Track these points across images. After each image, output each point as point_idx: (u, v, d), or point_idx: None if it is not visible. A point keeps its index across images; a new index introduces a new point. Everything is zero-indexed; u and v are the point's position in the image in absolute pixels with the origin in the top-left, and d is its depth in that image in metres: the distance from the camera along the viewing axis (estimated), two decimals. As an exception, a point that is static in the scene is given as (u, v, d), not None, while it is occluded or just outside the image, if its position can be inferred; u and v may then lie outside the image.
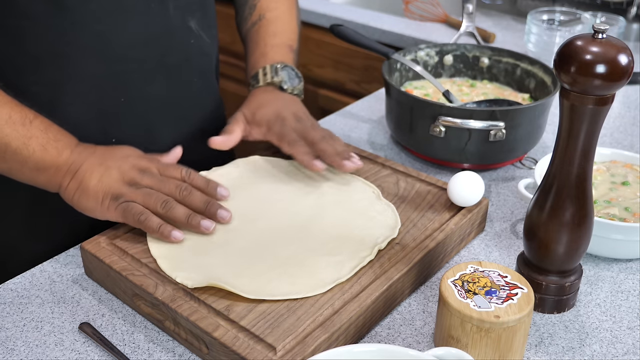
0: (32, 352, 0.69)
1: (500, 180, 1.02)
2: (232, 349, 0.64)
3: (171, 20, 0.91)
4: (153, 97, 0.92)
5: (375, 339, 0.72)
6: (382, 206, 0.85)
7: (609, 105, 0.65)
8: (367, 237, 0.79)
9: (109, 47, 0.85)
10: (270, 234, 0.79)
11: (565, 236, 0.71)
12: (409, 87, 1.15)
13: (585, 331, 0.73)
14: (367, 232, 0.80)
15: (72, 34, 0.82)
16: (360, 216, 0.83)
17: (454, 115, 0.96)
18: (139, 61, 0.88)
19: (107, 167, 0.78)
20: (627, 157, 0.95)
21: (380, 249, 0.77)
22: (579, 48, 0.63)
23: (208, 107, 1.02)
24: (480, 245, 0.87)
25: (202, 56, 0.98)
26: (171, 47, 0.92)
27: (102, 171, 0.77)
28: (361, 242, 0.78)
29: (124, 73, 0.88)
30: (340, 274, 0.73)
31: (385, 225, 0.81)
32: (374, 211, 0.84)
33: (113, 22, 0.85)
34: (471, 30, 1.51)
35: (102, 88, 0.87)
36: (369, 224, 0.81)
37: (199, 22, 0.95)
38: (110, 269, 0.74)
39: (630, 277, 0.82)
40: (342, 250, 0.77)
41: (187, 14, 0.93)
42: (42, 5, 0.80)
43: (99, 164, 0.78)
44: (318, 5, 1.78)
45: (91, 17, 0.83)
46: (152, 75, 0.91)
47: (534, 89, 1.12)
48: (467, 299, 0.65)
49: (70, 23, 0.82)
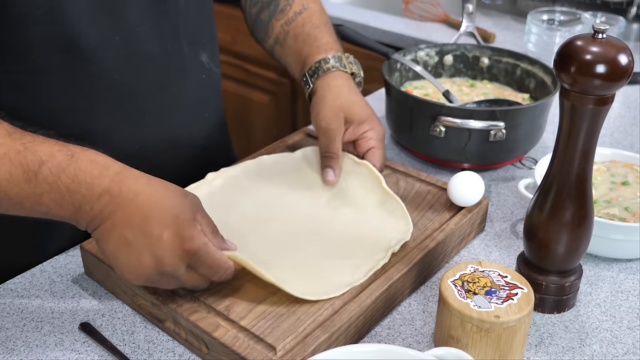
0: (32, 352, 0.69)
1: (500, 180, 1.02)
2: (232, 349, 0.64)
3: (185, 58, 0.89)
4: (165, 138, 0.90)
5: (375, 339, 0.72)
6: (392, 203, 0.84)
7: (609, 105, 0.65)
8: (380, 240, 0.78)
9: (125, 96, 0.83)
10: (284, 237, 0.79)
11: (565, 236, 0.71)
12: (409, 87, 1.15)
13: (585, 331, 0.73)
14: (380, 235, 0.79)
15: (88, 84, 0.80)
16: (373, 218, 0.83)
17: (454, 115, 0.96)
18: (155, 106, 0.87)
19: (137, 251, 0.62)
20: (627, 157, 0.95)
21: (394, 252, 0.77)
22: (579, 48, 0.63)
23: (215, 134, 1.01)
24: (480, 245, 0.87)
25: (212, 89, 0.97)
26: (185, 86, 0.90)
27: (129, 254, 0.63)
28: (375, 245, 0.78)
29: (140, 120, 0.86)
30: (354, 278, 0.72)
31: (395, 227, 0.81)
32: (384, 210, 0.83)
33: (130, 70, 0.82)
34: (471, 30, 1.51)
35: (115, 138, 0.84)
36: (381, 226, 0.81)
37: (209, 54, 0.94)
38: (110, 269, 0.74)
39: (630, 277, 0.82)
40: (357, 253, 0.76)
41: (199, 47, 0.92)
42: (58, 58, 0.77)
43: (125, 244, 0.62)
44: (318, 5, 1.78)
45: (108, 67, 0.81)
46: (167, 118, 0.89)
47: (534, 89, 1.12)
48: (467, 299, 0.65)
49: (86, 74, 0.79)
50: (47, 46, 0.76)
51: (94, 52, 0.79)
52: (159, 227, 0.62)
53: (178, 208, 0.63)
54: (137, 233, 0.62)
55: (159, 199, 0.63)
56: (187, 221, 0.63)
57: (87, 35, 0.78)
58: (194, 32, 0.91)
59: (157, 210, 0.62)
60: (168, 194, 0.64)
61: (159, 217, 0.62)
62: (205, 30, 0.94)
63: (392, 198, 0.84)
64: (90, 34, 0.78)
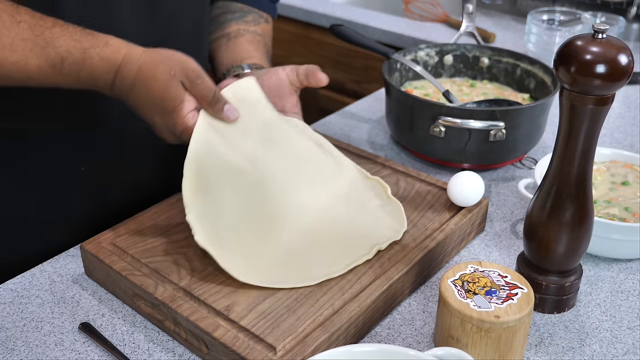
0: (32, 352, 0.69)
1: (500, 180, 1.02)
2: (232, 349, 0.64)
3: None
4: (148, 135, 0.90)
5: (375, 339, 0.72)
6: (392, 207, 0.84)
7: (609, 105, 0.65)
8: (369, 237, 0.79)
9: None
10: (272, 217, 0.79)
11: (565, 236, 0.71)
12: (409, 87, 1.15)
13: (585, 331, 0.73)
14: (370, 232, 0.80)
15: None
16: (368, 215, 0.83)
17: (454, 115, 0.96)
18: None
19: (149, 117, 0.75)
20: (627, 157, 0.95)
21: (380, 249, 0.77)
22: (579, 48, 0.63)
23: None
24: (480, 245, 0.87)
25: None
26: None
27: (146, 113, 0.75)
28: (362, 240, 0.78)
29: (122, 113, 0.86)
30: (331, 270, 0.73)
31: (390, 227, 0.81)
32: (383, 212, 0.84)
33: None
34: (471, 30, 1.51)
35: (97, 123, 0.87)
36: (374, 224, 0.81)
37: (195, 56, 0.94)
38: (110, 269, 0.74)
39: (630, 277, 0.82)
40: (340, 246, 0.77)
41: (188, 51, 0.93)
42: None
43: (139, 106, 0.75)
44: (318, 5, 1.78)
45: None
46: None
47: (534, 89, 1.12)
48: (467, 299, 0.65)
49: None
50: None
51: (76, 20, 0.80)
52: (153, 114, 0.75)
53: (164, 96, 0.73)
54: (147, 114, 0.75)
55: (148, 89, 0.73)
56: (170, 110, 0.74)
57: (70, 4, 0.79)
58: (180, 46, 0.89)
59: (148, 100, 0.74)
60: (156, 83, 0.73)
61: (150, 106, 0.74)
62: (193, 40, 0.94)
63: (395, 203, 0.85)
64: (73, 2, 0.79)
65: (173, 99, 0.73)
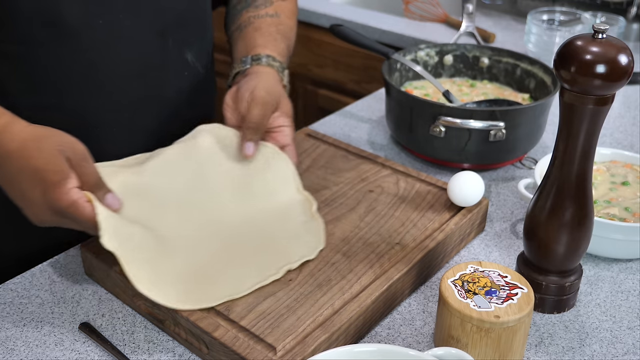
0: (32, 352, 0.69)
1: (500, 180, 1.02)
2: (232, 349, 0.64)
3: (169, 54, 0.90)
4: (141, 128, 0.91)
5: (375, 339, 0.72)
6: (314, 224, 0.81)
7: (609, 105, 0.65)
8: (283, 255, 0.76)
9: (103, 77, 0.84)
10: (182, 231, 0.76)
11: (565, 236, 0.71)
12: (409, 87, 1.15)
13: (585, 331, 0.73)
14: (285, 250, 0.77)
15: (69, 61, 0.82)
16: (288, 232, 0.80)
17: (454, 115, 0.96)
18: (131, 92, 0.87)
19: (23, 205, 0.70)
20: (627, 157, 0.95)
21: (290, 269, 0.74)
22: (579, 48, 0.63)
23: None
24: (480, 245, 0.87)
25: (194, 87, 0.97)
26: (165, 79, 0.91)
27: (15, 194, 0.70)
28: (274, 259, 0.75)
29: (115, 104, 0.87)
30: (234, 291, 0.70)
31: (306, 244, 0.78)
32: (304, 228, 0.80)
33: (110, 54, 0.83)
34: (471, 30, 1.51)
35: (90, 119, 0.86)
36: (291, 241, 0.78)
37: (195, 53, 0.95)
38: (110, 269, 0.74)
39: (630, 277, 0.82)
40: (251, 265, 0.74)
41: (185, 46, 0.92)
42: (42, 30, 0.79)
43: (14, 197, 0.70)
44: (318, 5, 1.78)
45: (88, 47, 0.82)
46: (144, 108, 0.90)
47: (534, 89, 1.12)
48: (467, 299, 0.65)
49: (68, 51, 0.81)
50: (32, 18, 0.78)
51: (76, 30, 0.80)
52: (29, 188, 0.68)
53: (47, 168, 0.67)
54: (16, 191, 0.69)
55: (29, 160, 0.67)
56: (53, 183, 0.67)
57: (71, 13, 0.79)
58: (182, 31, 0.91)
59: (26, 173, 0.68)
60: (40, 154, 0.67)
61: (28, 179, 0.68)
62: (196, 30, 0.95)
63: (317, 220, 0.82)
64: (74, 12, 0.79)
65: (58, 172, 0.67)
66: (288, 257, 0.76)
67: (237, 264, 0.74)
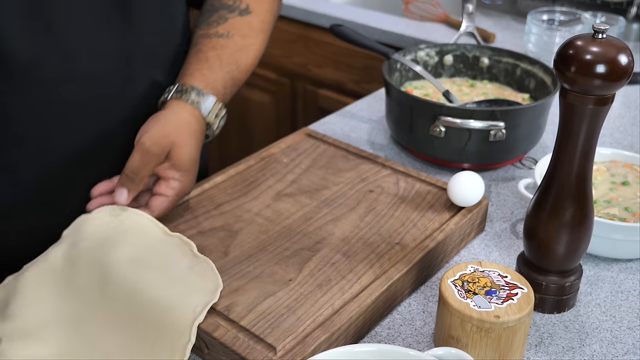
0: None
1: (500, 180, 1.02)
2: (232, 349, 0.64)
3: (137, 79, 0.87)
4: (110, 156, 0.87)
5: (375, 339, 0.72)
6: (202, 265, 0.73)
7: (609, 105, 0.65)
8: (182, 312, 0.66)
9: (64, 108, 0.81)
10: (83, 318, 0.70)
11: (565, 236, 0.71)
12: (409, 87, 1.15)
13: (585, 331, 0.73)
14: (182, 303, 0.67)
15: (24, 94, 0.79)
16: (177, 283, 0.70)
17: (454, 115, 0.96)
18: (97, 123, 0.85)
19: None
20: (627, 157, 0.95)
21: (199, 323, 0.66)
22: (579, 48, 0.63)
23: None
24: (480, 245, 0.87)
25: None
26: (131, 105, 0.87)
27: None
28: (178, 321, 0.66)
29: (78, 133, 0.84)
30: None
31: (204, 289, 0.69)
32: (193, 273, 0.72)
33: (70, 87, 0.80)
34: (471, 30, 1.51)
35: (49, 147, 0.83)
36: (185, 291, 0.69)
37: (167, 72, 0.91)
38: (110, 269, 0.73)
39: (630, 277, 0.82)
40: (157, 340, 0.66)
41: (155, 68, 0.90)
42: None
43: None
44: (318, 5, 1.78)
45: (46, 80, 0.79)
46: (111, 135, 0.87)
47: (534, 89, 1.12)
48: (467, 299, 0.65)
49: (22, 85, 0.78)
50: None
51: (29, 65, 0.77)
52: None
53: None
54: None
55: None
56: None
57: (21, 48, 0.76)
58: (151, 54, 0.88)
59: None
60: None
61: None
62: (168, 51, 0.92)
63: (203, 260, 0.74)
64: (24, 47, 0.76)
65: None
66: (190, 310, 0.66)
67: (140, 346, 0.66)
